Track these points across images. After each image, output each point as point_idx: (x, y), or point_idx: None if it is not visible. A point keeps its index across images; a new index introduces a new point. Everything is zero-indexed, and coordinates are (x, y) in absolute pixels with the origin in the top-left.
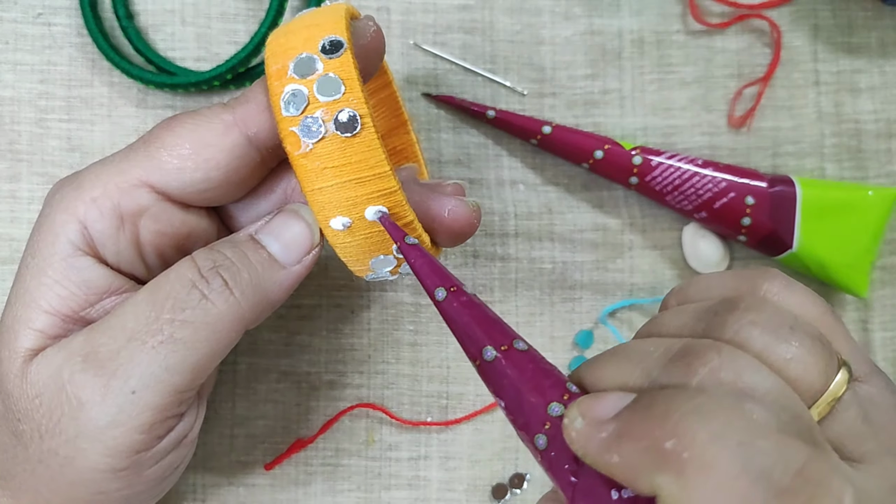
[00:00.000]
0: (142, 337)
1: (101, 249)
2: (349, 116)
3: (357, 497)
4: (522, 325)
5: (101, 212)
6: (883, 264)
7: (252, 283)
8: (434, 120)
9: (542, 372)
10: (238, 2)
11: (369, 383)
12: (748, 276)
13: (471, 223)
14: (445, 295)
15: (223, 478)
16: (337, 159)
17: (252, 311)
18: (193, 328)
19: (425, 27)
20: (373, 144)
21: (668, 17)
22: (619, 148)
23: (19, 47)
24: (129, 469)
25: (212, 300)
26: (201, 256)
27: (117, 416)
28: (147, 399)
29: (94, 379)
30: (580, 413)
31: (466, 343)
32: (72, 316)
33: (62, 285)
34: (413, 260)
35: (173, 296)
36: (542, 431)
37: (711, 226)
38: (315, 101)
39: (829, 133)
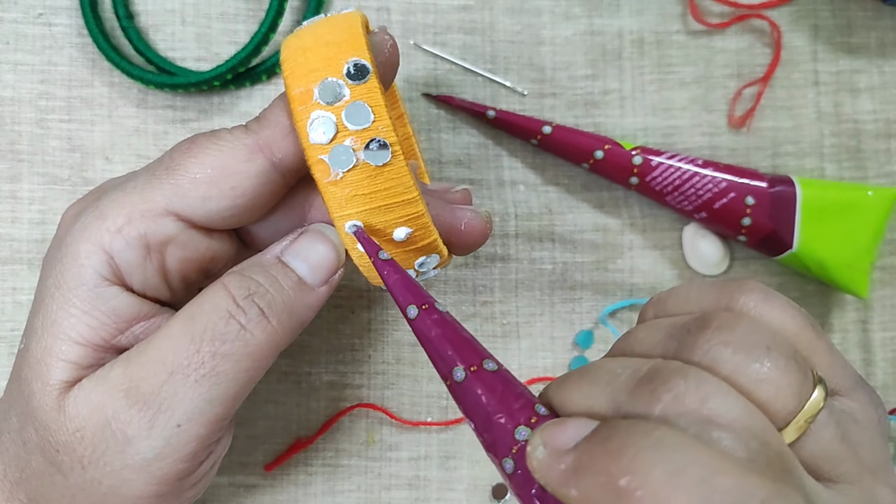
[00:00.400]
0: (183, 371)
1: (128, 278)
2: (380, 146)
3: (357, 497)
4: (523, 325)
5: (128, 242)
6: (883, 264)
7: (286, 309)
8: (434, 120)
9: (512, 394)
10: (238, 2)
11: (369, 383)
12: (726, 289)
13: (485, 234)
14: (417, 313)
15: (223, 478)
16: (367, 187)
17: (287, 335)
18: (234, 360)
19: (425, 27)
20: (402, 172)
21: (668, 18)
22: (619, 148)
23: (20, 47)
24: (171, 493)
25: (250, 330)
26: (234, 284)
27: (164, 450)
28: (192, 431)
29: (139, 414)
30: (542, 441)
31: (437, 362)
32: (103, 345)
33: (92, 315)
34: (387, 276)
35: (211, 328)
36: (510, 455)
37: (712, 226)
38: (344, 129)
39: (828, 133)
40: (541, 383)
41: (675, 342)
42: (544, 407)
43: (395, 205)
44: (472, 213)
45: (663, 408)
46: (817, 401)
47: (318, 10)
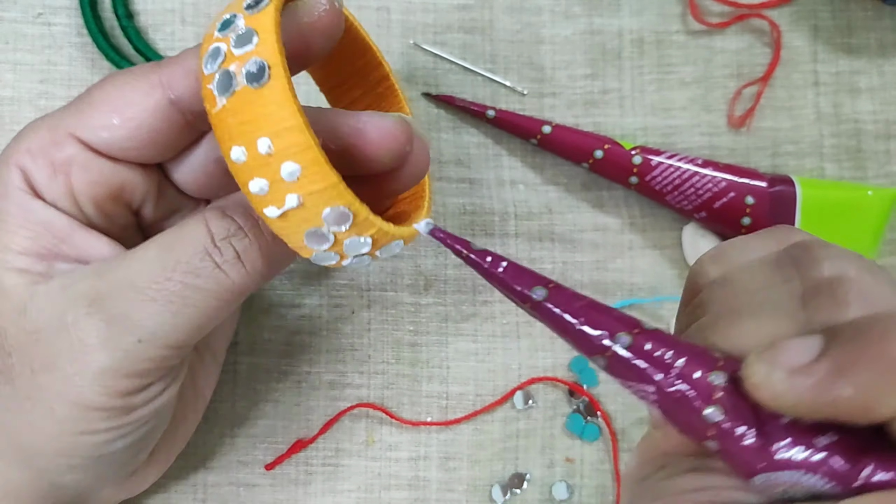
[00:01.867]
0: (152, 293)
1: (44, 195)
2: (258, 66)
3: (357, 497)
4: (522, 325)
5: (35, 160)
6: (883, 264)
7: (262, 255)
8: (434, 120)
9: (683, 346)
10: None
11: (369, 383)
12: (778, 233)
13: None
14: (547, 291)
15: (223, 477)
16: (248, 113)
17: (259, 281)
18: (203, 295)
19: (425, 27)
20: (282, 95)
21: (667, 17)
22: (618, 148)
23: (19, 47)
24: (119, 409)
25: (225, 271)
26: (215, 222)
27: (121, 362)
28: (150, 350)
29: (101, 324)
30: (773, 367)
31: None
32: (47, 254)
33: (25, 227)
34: (490, 268)
35: (186, 260)
36: (713, 402)
37: (711, 225)
38: (231, 55)
39: (828, 133)
40: (541, 383)
41: (790, 269)
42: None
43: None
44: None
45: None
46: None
47: None
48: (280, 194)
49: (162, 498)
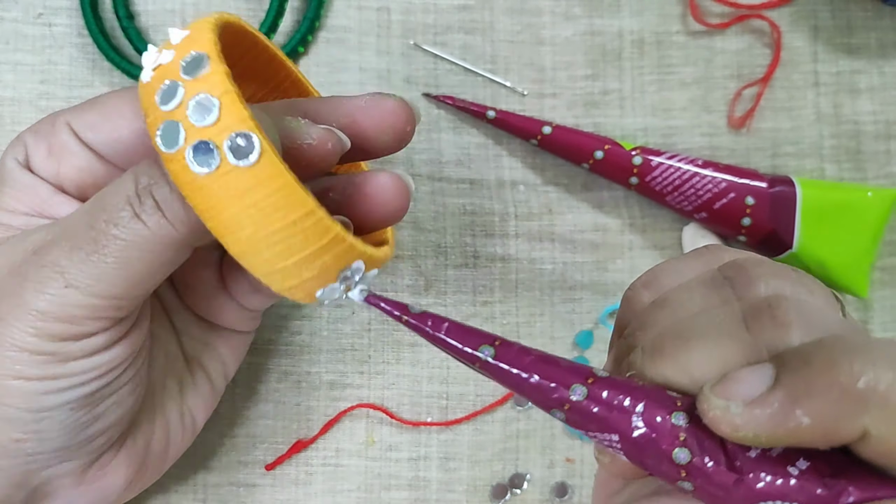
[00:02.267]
0: (78, 241)
1: (36, 170)
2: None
3: (357, 497)
4: (522, 325)
5: (36, 140)
6: (883, 265)
7: (186, 206)
8: (434, 120)
9: (640, 389)
10: (238, 2)
11: (369, 383)
12: (706, 255)
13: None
14: (494, 350)
15: (223, 478)
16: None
17: (189, 235)
18: (123, 245)
19: (425, 27)
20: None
21: (668, 18)
22: (619, 148)
23: (20, 47)
24: (52, 356)
25: (144, 221)
26: (142, 170)
27: (50, 305)
28: (79, 297)
29: (35, 269)
30: (730, 400)
31: (543, 392)
32: (27, 212)
33: (14, 189)
34: (432, 330)
35: (108, 209)
36: (679, 445)
37: (711, 226)
38: (191, 128)
39: (828, 134)
40: None
41: (726, 289)
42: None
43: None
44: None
45: (798, 330)
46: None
47: (318, 10)
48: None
49: (162, 498)
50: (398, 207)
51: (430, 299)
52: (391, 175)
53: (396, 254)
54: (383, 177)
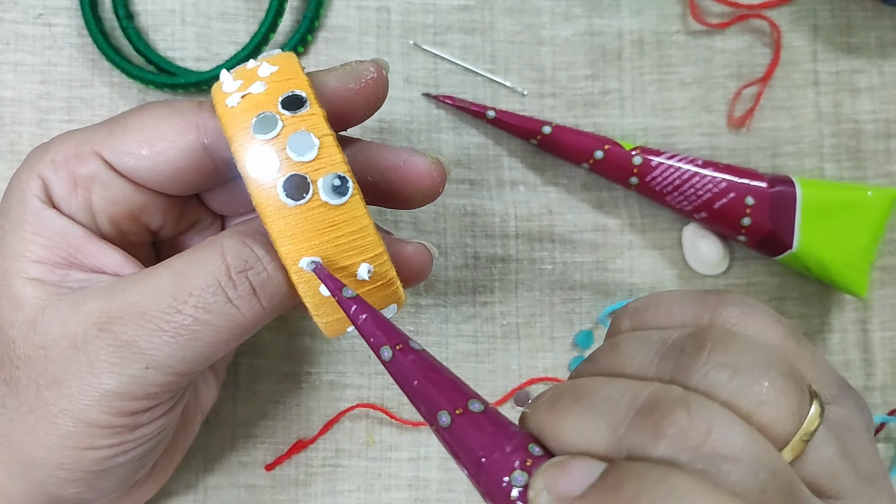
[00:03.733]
0: (161, 324)
1: (62, 208)
2: (340, 181)
3: (357, 497)
4: (522, 325)
5: (57, 172)
6: (882, 264)
7: (279, 291)
8: (434, 120)
9: (503, 434)
10: (238, 2)
11: (369, 384)
12: (708, 303)
13: (431, 175)
14: (392, 354)
15: (224, 478)
16: (320, 224)
17: (274, 315)
18: (214, 330)
19: (425, 27)
20: (360, 209)
21: (667, 18)
22: (619, 148)
23: (20, 48)
24: (123, 428)
25: (237, 307)
26: (232, 252)
27: (128, 386)
28: (157, 377)
29: (110, 349)
30: (545, 487)
31: (419, 406)
32: (61, 263)
33: (41, 235)
34: (354, 314)
35: (198, 293)
36: (509, 503)
37: (711, 226)
38: (288, 160)
39: (828, 133)
40: (541, 384)
41: (670, 363)
42: (538, 446)
43: (351, 243)
44: (412, 150)
45: (668, 444)
46: (814, 417)
47: (317, 9)
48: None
49: (162, 498)
50: (422, 275)
51: (431, 300)
52: (419, 246)
53: None
54: (411, 247)
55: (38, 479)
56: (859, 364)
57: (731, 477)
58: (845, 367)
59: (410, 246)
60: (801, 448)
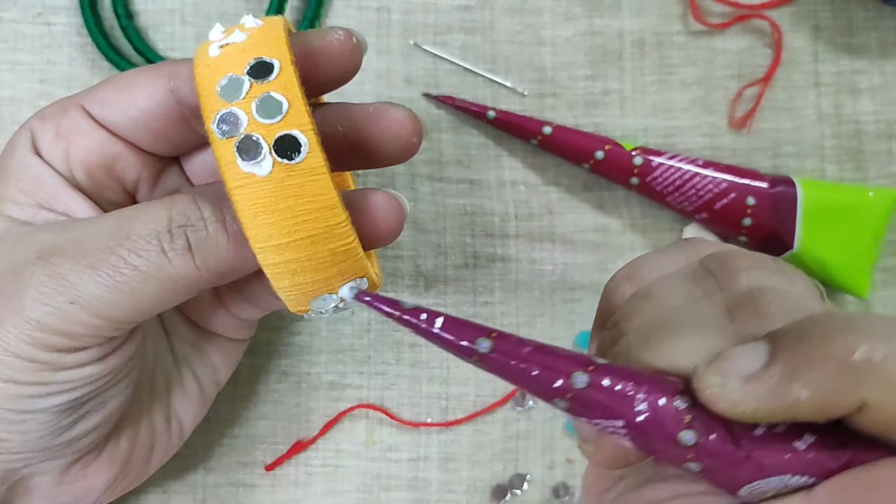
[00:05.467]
0: (93, 261)
1: (42, 155)
2: (294, 141)
3: (357, 498)
4: (523, 325)
5: (44, 124)
6: (884, 265)
7: (216, 255)
8: (434, 120)
9: (640, 375)
10: (238, 2)
11: (369, 384)
12: (686, 248)
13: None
14: (491, 344)
15: (223, 478)
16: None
17: (210, 279)
18: (142, 278)
19: (425, 27)
20: (318, 172)
21: (668, 18)
22: (619, 148)
23: (19, 47)
24: (45, 365)
25: (169, 258)
26: (178, 206)
27: (50, 318)
28: (82, 315)
29: (43, 278)
30: (726, 377)
31: (541, 381)
32: (33, 204)
33: (21, 180)
34: (427, 325)
35: (134, 238)
36: (685, 427)
37: (712, 226)
38: (255, 122)
39: (829, 134)
40: None
41: (708, 281)
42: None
43: (311, 210)
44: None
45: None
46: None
47: (317, 9)
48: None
49: (161, 499)
50: (392, 229)
51: (430, 299)
52: (386, 194)
53: (396, 254)
54: (378, 196)
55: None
56: None
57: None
58: None
59: (377, 196)
60: None
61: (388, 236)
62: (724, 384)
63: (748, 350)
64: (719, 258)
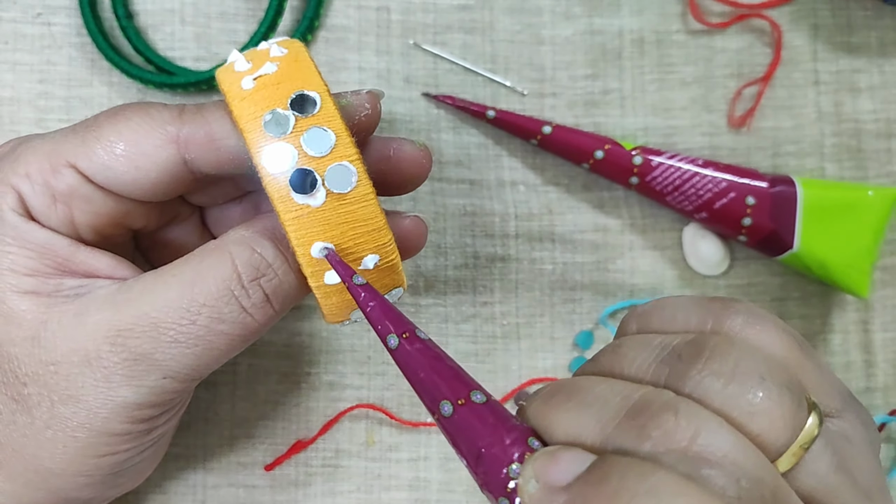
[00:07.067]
0: (176, 336)
1: (40, 221)
2: (346, 172)
3: (357, 498)
4: (523, 325)
5: (33, 186)
6: (884, 265)
7: (290, 294)
8: (434, 120)
9: (503, 426)
10: (238, 1)
11: (369, 384)
12: (712, 309)
13: (420, 163)
14: (398, 342)
15: (223, 478)
16: (331, 214)
17: (282, 315)
18: (229, 339)
19: (425, 27)
20: (368, 198)
21: (668, 17)
22: (619, 148)
23: (18, 47)
24: (140, 433)
25: (251, 314)
26: (242, 260)
27: (146, 397)
28: (175, 385)
29: (125, 363)
30: (535, 475)
31: (422, 395)
32: (53, 273)
33: (28, 249)
34: (363, 301)
35: (211, 303)
36: (505, 494)
37: (712, 226)
38: (305, 155)
39: (828, 133)
40: (542, 384)
41: (665, 368)
42: (537, 440)
43: (362, 233)
44: (402, 139)
45: (653, 445)
46: (811, 428)
47: (317, 9)
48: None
49: (161, 499)
50: (417, 246)
51: (430, 299)
52: (414, 218)
53: None
54: (407, 220)
55: (57, 486)
56: (860, 365)
57: (711, 481)
58: (846, 368)
59: (407, 220)
60: (797, 459)
61: (415, 252)
62: (527, 481)
63: (571, 460)
64: (697, 346)
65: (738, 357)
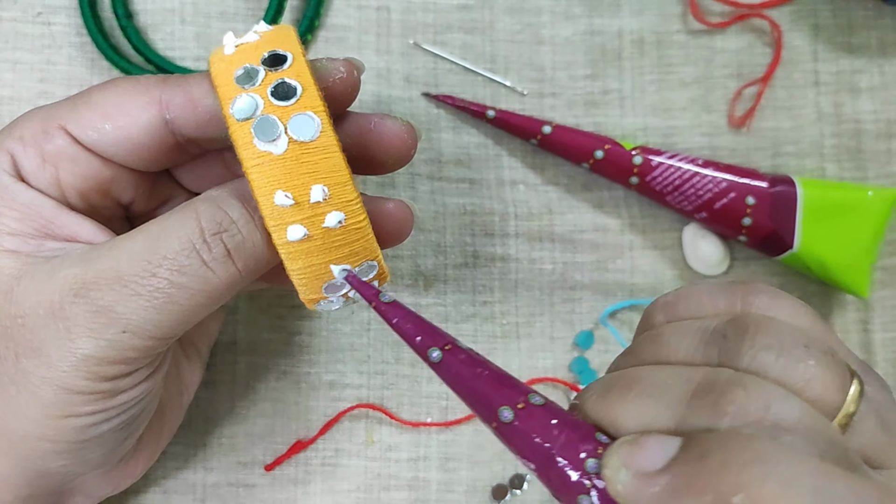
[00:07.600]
0: (136, 287)
1: (29, 182)
2: (309, 120)
3: (357, 497)
4: (522, 325)
5: (25, 148)
6: (883, 265)
7: (254, 254)
8: (434, 120)
9: (568, 425)
10: (238, 1)
11: (369, 384)
12: (736, 292)
13: (401, 137)
14: (441, 355)
15: (222, 478)
16: (299, 164)
17: (249, 278)
18: (189, 293)
19: (425, 27)
20: (331, 149)
21: (668, 17)
22: (619, 148)
23: (18, 46)
24: (103, 393)
25: (212, 269)
26: (206, 215)
27: (106, 350)
28: (135, 341)
29: (87, 314)
30: (623, 464)
31: (476, 405)
32: (35, 234)
33: (14, 209)
34: (395, 320)
35: (172, 256)
36: (585, 492)
37: (712, 226)
38: (270, 105)
39: (828, 133)
40: (540, 384)
41: (714, 349)
42: (604, 434)
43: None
44: (384, 115)
45: (730, 419)
46: (856, 392)
47: (317, 9)
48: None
49: (161, 498)
50: (402, 234)
51: (430, 299)
52: (398, 202)
53: (396, 254)
54: (391, 203)
55: (24, 453)
56: None
57: (794, 447)
58: None
59: (391, 204)
60: (847, 422)
61: (399, 240)
62: (617, 472)
63: (659, 445)
64: (742, 325)
65: (781, 330)
